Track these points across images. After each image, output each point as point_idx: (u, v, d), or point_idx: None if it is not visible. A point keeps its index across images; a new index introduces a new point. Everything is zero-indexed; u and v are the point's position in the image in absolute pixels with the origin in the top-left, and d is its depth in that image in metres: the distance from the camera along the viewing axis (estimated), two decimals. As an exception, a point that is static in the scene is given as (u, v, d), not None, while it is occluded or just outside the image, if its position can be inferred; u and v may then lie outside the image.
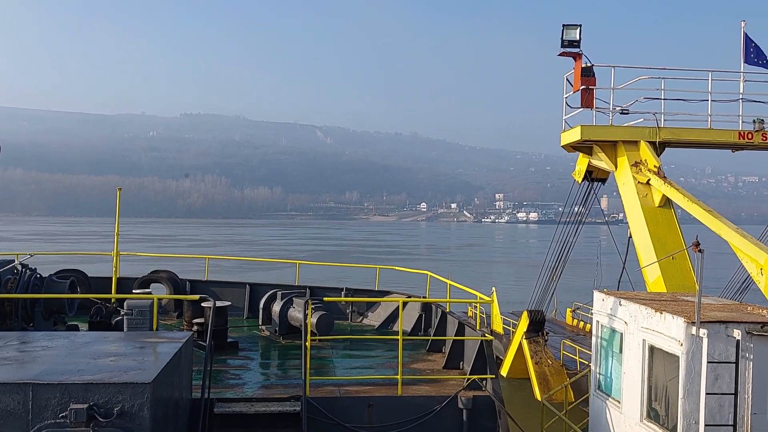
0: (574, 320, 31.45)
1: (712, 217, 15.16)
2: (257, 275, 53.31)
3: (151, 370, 7.42)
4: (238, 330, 16.01)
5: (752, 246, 13.94)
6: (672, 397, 9.59)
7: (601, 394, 11.82)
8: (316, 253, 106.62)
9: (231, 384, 11.38)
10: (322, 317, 13.89)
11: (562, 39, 17.49)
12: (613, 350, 11.50)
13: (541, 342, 21.89)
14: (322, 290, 18.17)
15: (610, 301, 11.54)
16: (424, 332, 15.69)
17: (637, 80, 17.61)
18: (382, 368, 12.74)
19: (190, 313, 15.53)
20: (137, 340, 9.19)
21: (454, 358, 12.62)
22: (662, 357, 9.86)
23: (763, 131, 17.73)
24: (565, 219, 21.29)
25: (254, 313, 17.20)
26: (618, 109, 17.83)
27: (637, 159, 17.36)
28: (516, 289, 49.99)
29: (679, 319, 9.34)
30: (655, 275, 15.65)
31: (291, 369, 12.62)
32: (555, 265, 22.08)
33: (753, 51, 18.62)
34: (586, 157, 19.11)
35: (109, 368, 7.47)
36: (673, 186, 16.39)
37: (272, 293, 16.13)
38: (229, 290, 18.39)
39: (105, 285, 18.00)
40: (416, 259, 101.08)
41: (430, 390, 11.09)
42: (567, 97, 18.44)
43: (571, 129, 18.40)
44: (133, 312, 11.89)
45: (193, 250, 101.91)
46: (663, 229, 16.38)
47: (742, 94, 17.91)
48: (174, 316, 17.72)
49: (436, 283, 16.81)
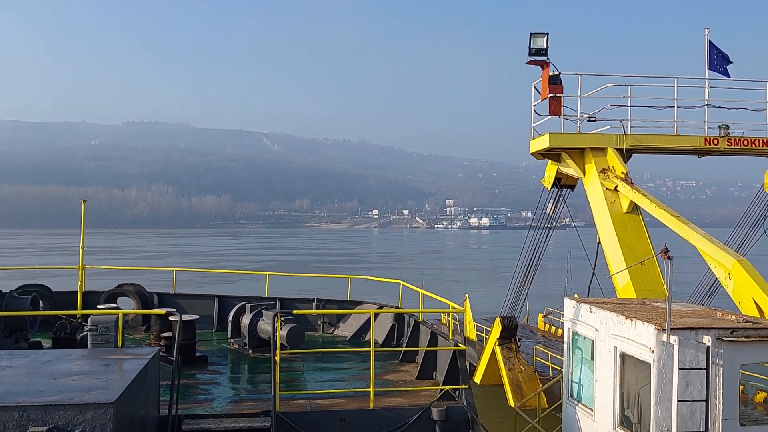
0: (546, 325, 31.59)
1: (680, 223, 15.31)
2: (225, 287, 52.74)
3: (114, 389, 7.19)
4: (206, 343, 15.74)
5: (720, 251, 14.09)
6: (644, 404, 9.60)
7: (574, 401, 11.81)
8: (271, 263, 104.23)
9: (200, 399, 11.15)
10: (292, 330, 13.70)
11: (530, 47, 17.57)
12: (584, 357, 11.51)
13: (513, 348, 21.88)
14: (292, 302, 17.95)
15: (580, 308, 11.55)
16: (397, 342, 15.58)
17: (604, 88, 17.76)
18: (354, 380, 12.59)
19: (157, 326, 15.22)
20: (101, 358, 8.93)
21: (427, 368, 12.52)
22: (634, 364, 9.88)
23: (728, 137, 18.00)
24: (535, 225, 21.37)
25: (223, 326, 16.93)
26: (585, 117, 17.97)
27: (605, 166, 17.48)
28: (484, 294, 50.18)
29: (649, 326, 9.36)
30: (625, 281, 15.74)
31: (261, 383, 12.41)
32: (526, 271, 22.14)
33: (716, 58, 18.92)
34: (555, 164, 19.20)
35: (70, 388, 7.23)
36: (640, 192, 16.53)
37: (241, 306, 15.88)
38: (197, 303, 18.09)
39: (70, 299, 17.58)
40: (379, 267, 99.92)
41: (403, 402, 10.98)
42: (535, 105, 18.53)
43: (539, 137, 18.48)
44: (98, 328, 11.57)
45: (139, 263, 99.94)
46: (631, 234, 16.50)
47: (707, 100, 18.17)
48: (142, 330, 17.37)
49: (406, 292, 16.71)
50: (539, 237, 21.25)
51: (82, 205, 18.13)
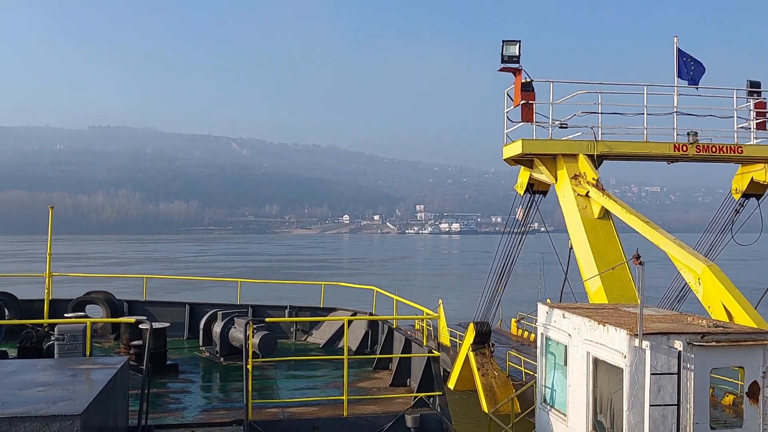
0: (519, 330, 31.75)
1: (650, 228, 15.48)
2: (196, 295, 52.06)
3: (82, 400, 7.02)
4: (177, 352, 15.51)
5: (690, 256, 14.27)
6: (617, 409, 9.66)
7: (547, 406, 11.85)
8: (242, 270, 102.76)
9: (170, 409, 10.97)
10: (265, 337, 13.56)
11: (502, 54, 17.66)
12: (557, 363, 11.55)
13: (487, 354, 21.94)
14: (265, 309, 17.78)
15: (553, 313, 11.60)
16: (371, 349, 15.51)
17: (575, 95, 17.93)
18: (328, 388, 12.50)
19: (127, 335, 14.96)
20: (69, 368, 8.73)
21: (401, 375, 12.48)
22: (606, 369, 9.93)
23: (696, 143, 18.27)
24: (508, 230, 21.47)
25: (195, 334, 16.71)
26: (557, 124, 18.12)
27: (577, 172, 17.64)
28: (457, 300, 50.28)
29: (621, 331, 9.42)
30: (596, 286, 15.86)
31: (233, 392, 12.25)
32: (499, 276, 22.23)
33: (686, 66, 19.20)
34: (528, 170, 19.33)
35: (36, 399, 7.04)
36: (611, 198, 16.69)
37: (213, 313, 15.70)
38: (168, 311, 17.83)
39: (36, 308, 17.21)
40: (351, 273, 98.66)
41: (377, 409, 10.91)
42: (508, 112, 18.63)
43: (512, 143, 18.59)
44: (65, 337, 11.34)
45: (106, 270, 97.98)
46: (603, 240, 16.65)
47: (676, 107, 18.43)
48: (111, 339, 17.07)
49: (379, 298, 16.65)
50: (512, 242, 21.36)
51: (49, 212, 17.77)
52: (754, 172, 19.30)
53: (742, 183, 19.80)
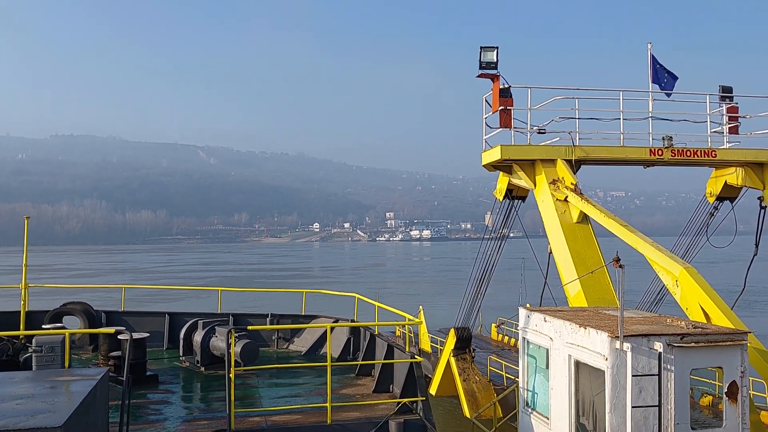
0: (499, 335, 31.89)
1: (628, 232, 15.64)
2: (174, 305, 51.43)
3: (62, 412, 6.92)
4: (157, 362, 15.35)
5: (668, 259, 14.43)
6: (599, 411, 9.73)
7: (530, 410, 11.89)
8: (213, 279, 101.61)
9: (151, 420, 10.85)
10: (246, 346, 13.47)
11: (480, 60, 17.76)
12: (539, 366, 11.61)
13: (468, 359, 21.99)
14: (245, 317, 17.67)
15: (534, 317, 11.66)
16: (353, 356, 15.47)
17: (553, 100, 18.09)
18: (311, 396, 12.44)
19: (106, 346, 14.76)
20: (47, 380, 8.60)
21: (384, 381, 12.46)
22: (588, 372, 10.00)
23: (671, 148, 18.51)
24: (488, 236, 21.58)
25: (174, 344, 16.54)
26: (535, 129, 18.25)
27: (555, 177, 17.78)
28: (434, 306, 50.25)
29: (602, 333, 9.50)
30: (576, 290, 15.98)
31: (215, 401, 12.15)
32: (480, 282, 22.31)
33: (660, 72, 19.47)
34: (506, 175, 19.44)
35: (14, 412, 6.92)
36: (589, 202, 16.85)
37: (193, 322, 15.56)
38: (147, 321, 17.63)
39: (12, 320, 16.92)
40: (325, 281, 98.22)
41: (360, 416, 10.88)
42: (486, 118, 18.75)
43: (491, 149, 18.69)
44: (43, 349, 11.17)
45: (73, 281, 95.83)
46: (582, 244, 16.78)
47: (651, 112, 18.67)
48: (89, 350, 16.84)
49: (360, 305, 16.63)
50: (491, 248, 21.45)
51: (25, 222, 17.49)
52: (727, 175, 19.60)
53: (717, 186, 20.10)
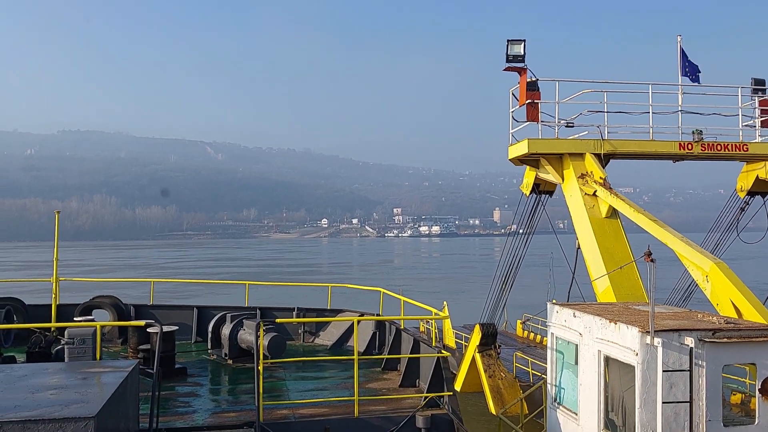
0: (525, 332, 31.68)
1: (658, 227, 15.44)
2: (198, 299, 51.74)
3: (94, 403, 7.02)
4: (186, 355, 15.51)
5: (698, 254, 14.22)
6: (629, 407, 9.61)
7: (558, 406, 11.80)
8: (227, 275, 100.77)
9: (180, 412, 10.96)
10: (274, 339, 13.55)
11: (507, 53, 17.62)
12: (568, 362, 11.51)
13: (493, 355, 21.86)
14: (272, 311, 17.77)
15: (563, 312, 11.56)
16: (378, 350, 15.49)
17: (581, 94, 17.89)
18: (337, 389, 12.48)
19: (135, 339, 14.96)
20: (79, 371, 8.73)
21: (410, 376, 12.45)
22: (618, 367, 9.89)
23: (702, 142, 18.22)
24: (515, 231, 21.43)
25: (203, 337, 16.70)
26: (563, 123, 18.07)
27: (583, 171, 17.59)
28: (456, 303, 50.02)
29: (633, 329, 9.38)
30: (605, 285, 15.82)
31: (242, 394, 12.23)
32: (505, 278, 22.18)
33: (688, 64, 19.18)
34: (533, 170, 19.29)
35: (49, 403, 7.04)
36: (619, 197, 16.66)
37: (221, 316, 15.69)
38: (175, 314, 17.83)
39: (44, 313, 17.21)
40: (340, 277, 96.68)
41: (387, 410, 10.88)
42: (513, 111, 18.61)
43: (518, 143, 18.56)
44: (75, 341, 11.34)
45: (84, 277, 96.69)
46: (610, 239, 16.60)
47: (681, 106, 18.38)
48: (119, 343, 17.06)
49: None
50: (518, 243, 21.30)
51: (56, 217, 17.76)
52: (758, 170, 19.25)
53: (747, 181, 19.75)
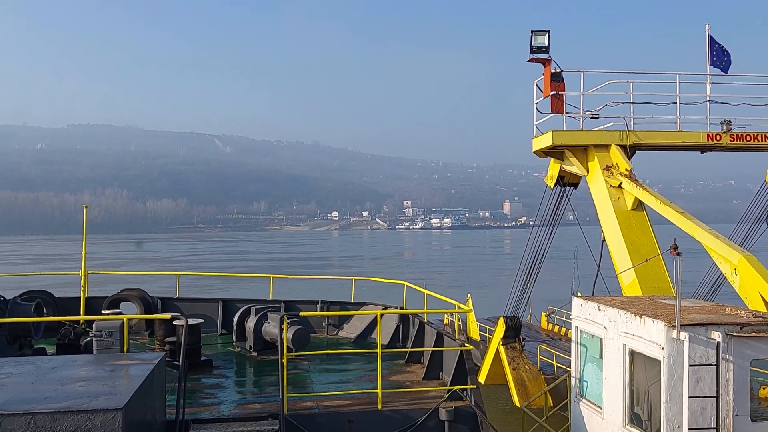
0: (549, 324, 31.51)
1: (685, 219, 15.24)
2: (221, 292, 52.08)
3: (122, 395, 7.13)
4: (211, 347, 15.67)
5: (726, 247, 14.02)
6: (654, 401, 9.54)
7: (582, 400, 11.74)
8: (240, 268, 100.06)
9: (206, 404, 11.08)
10: (298, 332, 13.64)
11: (531, 45, 17.48)
12: (593, 356, 11.44)
13: (518, 348, 21.79)
14: (296, 304, 17.88)
15: (588, 306, 11.48)
16: (402, 343, 15.51)
17: (606, 84, 17.69)
18: (361, 382, 12.53)
19: (161, 331, 15.15)
20: (107, 363, 8.87)
21: (434, 368, 12.45)
22: (643, 361, 9.81)
23: (730, 132, 17.93)
24: (539, 223, 21.33)
25: (228, 330, 16.86)
26: (588, 114, 17.90)
27: (609, 163, 17.42)
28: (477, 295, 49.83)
29: (659, 323, 9.29)
30: (630, 278, 15.68)
31: (267, 386, 12.34)
32: (529, 270, 22.10)
33: (716, 53, 18.86)
34: (558, 162, 19.15)
35: (78, 394, 7.16)
36: (645, 189, 16.46)
37: (246, 308, 15.82)
38: (200, 307, 18.01)
39: (73, 305, 17.49)
40: (355, 270, 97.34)
41: (411, 402, 10.90)
42: (537, 103, 18.47)
43: (542, 134, 18.42)
44: (103, 333, 11.51)
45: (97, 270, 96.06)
46: (636, 232, 16.43)
47: (709, 96, 18.10)
48: (145, 336, 17.30)
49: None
50: (542, 236, 21.19)
51: (84, 211, 18.02)
52: None
53: None
